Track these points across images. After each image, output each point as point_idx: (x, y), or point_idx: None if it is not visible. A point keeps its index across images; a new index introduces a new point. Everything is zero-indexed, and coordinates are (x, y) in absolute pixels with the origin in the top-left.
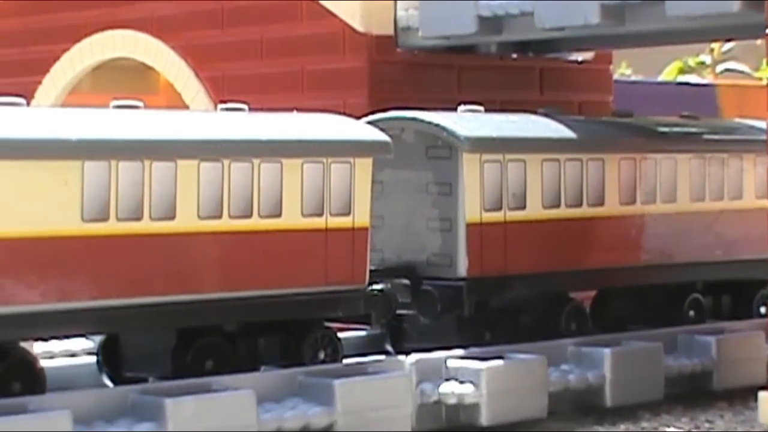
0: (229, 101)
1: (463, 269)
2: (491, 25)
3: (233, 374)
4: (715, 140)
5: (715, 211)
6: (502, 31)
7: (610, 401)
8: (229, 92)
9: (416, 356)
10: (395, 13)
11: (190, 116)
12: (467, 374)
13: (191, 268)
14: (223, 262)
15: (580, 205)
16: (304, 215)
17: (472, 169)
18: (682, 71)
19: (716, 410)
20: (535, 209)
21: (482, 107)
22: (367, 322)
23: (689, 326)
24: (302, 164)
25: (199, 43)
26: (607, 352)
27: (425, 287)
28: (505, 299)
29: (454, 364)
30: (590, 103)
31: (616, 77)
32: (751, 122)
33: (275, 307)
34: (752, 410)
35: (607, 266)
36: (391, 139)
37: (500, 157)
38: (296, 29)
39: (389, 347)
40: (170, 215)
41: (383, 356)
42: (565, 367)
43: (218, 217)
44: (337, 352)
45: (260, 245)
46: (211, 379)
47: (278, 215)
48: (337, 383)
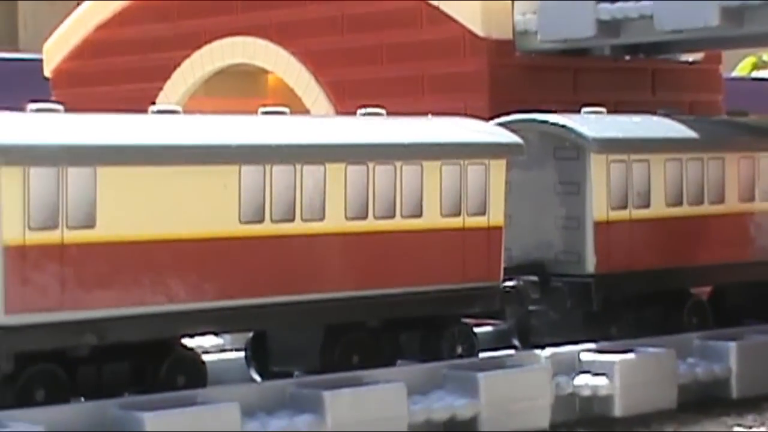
0: (366, 106)
1: (591, 266)
2: (609, 28)
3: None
4: None
5: None
6: (619, 34)
7: (735, 393)
8: (349, 96)
9: (550, 350)
10: (513, 17)
11: (335, 121)
12: (601, 367)
13: (338, 267)
14: (368, 261)
15: (701, 203)
16: (442, 215)
17: (599, 169)
18: (755, 66)
19: None
20: (658, 207)
21: (605, 109)
22: (501, 317)
23: None
24: (441, 166)
25: (319, 48)
26: (732, 345)
27: (555, 284)
28: (630, 294)
29: (587, 357)
30: (701, 102)
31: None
32: None
33: (417, 303)
34: None
35: (725, 262)
36: None
37: (626, 157)
38: (417, 34)
39: (516, 342)
40: (320, 216)
41: (512, 351)
42: (691, 360)
43: (364, 218)
44: (473, 346)
45: (402, 245)
46: (362, 372)
47: (419, 215)
48: (481, 376)
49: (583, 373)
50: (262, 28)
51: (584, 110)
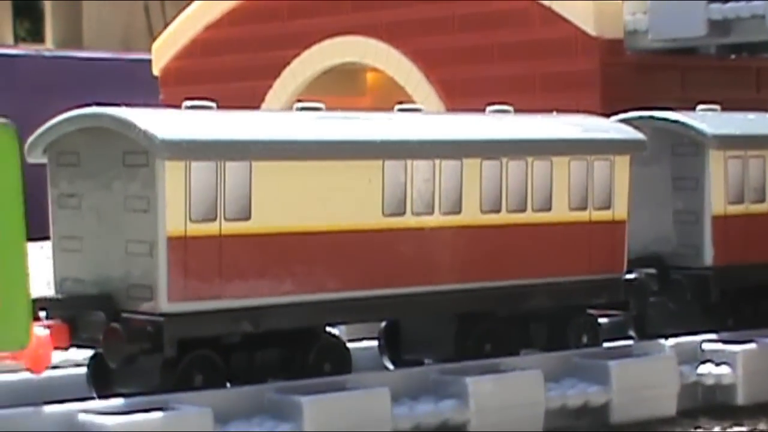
0: (495, 104)
1: (709, 258)
2: (720, 27)
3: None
4: None
5: None
6: (730, 33)
7: None
8: (460, 95)
9: (674, 340)
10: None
11: (468, 119)
12: (723, 356)
13: (473, 258)
14: (500, 252)
15: None
16: (570, 209)
17: (717, 164)
18: None
19: None
20: None
21: (719, 106)
22: (624, 308)
23: None
24: (569, 162)
25: (429, 47)
26: None
27: (674, 276)
28: (746, 286)
29: (709, 347)
30: None
31: None
32: None
33: (546, 294)
34: None
35: None
36: None
37: (743, 153)
38: (528, 34)
39: (632, 333)
40: (457, 210)
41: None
42: None
43: (498, 211)
44: (597, 336)
45: (533, 237)
46: (498, 360)
47: (549, 209)
48: (612, 364)
49: (705, 362)
50: (372, 27)
51: (699, 107)
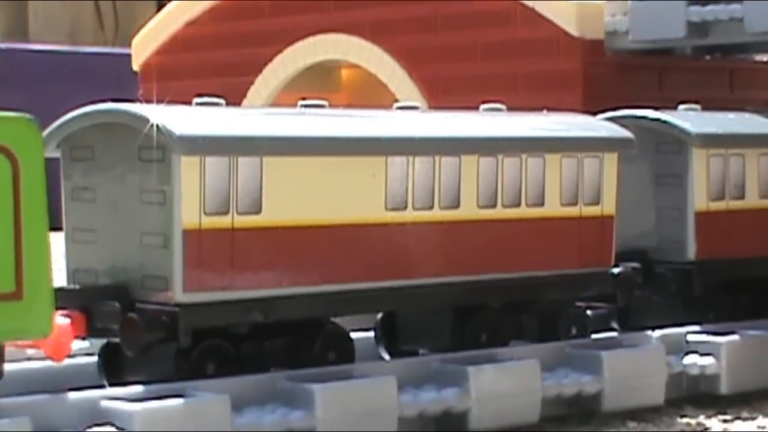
0: (489, 102)
1: (692, 253)
2: (699, 29)
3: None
4: None
5: None
6: (708, 35)
7: None
8: (443, 92)
9: (660, 332)
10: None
11: (466, 117)
12: (708, 348)
13: (469, 251)
14: (495, 246)
15: None
16: (562, 204)
17: (700, 162)
18: None
19: None
20: (753, 199)
21: (699, 106)
22: (612, 301)
23: None
24: (561, 159)
25: (413, 46)
26: None
27: (659, 270)
28: (727, 281)
29: (694, 338)
30: None
31: None
32: None
33: (539, 287)
34: None
35: None
36: None
37: (724, 151)
38: (511, 33)
39: (615, 325)
40: (455, 204)
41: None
42: None
43: (493, 206)
44: (586, 328)
45: (527, 232)
46: (497, 350)
47: (541, 204)
48: (605, 354)
49: (690, 353)
50: (355, 25)
51: (681, 107)
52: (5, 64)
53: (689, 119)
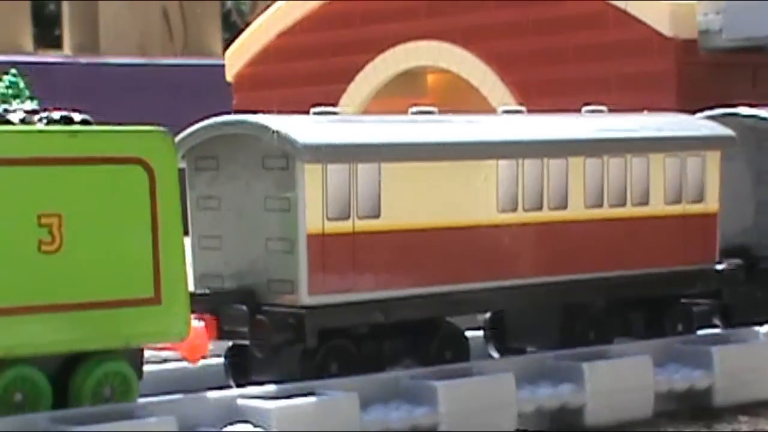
0: (590, 104)
1: None
2: None
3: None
4: None
5: None
6: None
7: None
8: (535, 95)
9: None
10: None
11: (570, 119)
12: None
13: (578, 251)
14: (603, 245)
15: None
16: (666, 203)
17: None
18: None
19: None
20: None
21: None
22: (716, 297)
23: None
24: (664, 158)
25: (504, 50)
26: None
27: (762, 266)
28: None
29: None
30: None
31: None
32: None
33: (646, 284)
34: None
35: None
36: None
37: None
38: (603, 35)
39: (717, 321)
40: (563, 205)
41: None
42: None
43: (600, 206)
44: (692, 324)
45: (632, 231)
46: (609, 347)
47: (646, 203)
48: (715, 349)
49: None
50: (446, 32)
51: None
52: (82, 78)
53: None
